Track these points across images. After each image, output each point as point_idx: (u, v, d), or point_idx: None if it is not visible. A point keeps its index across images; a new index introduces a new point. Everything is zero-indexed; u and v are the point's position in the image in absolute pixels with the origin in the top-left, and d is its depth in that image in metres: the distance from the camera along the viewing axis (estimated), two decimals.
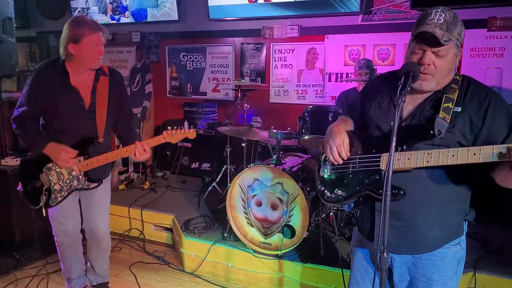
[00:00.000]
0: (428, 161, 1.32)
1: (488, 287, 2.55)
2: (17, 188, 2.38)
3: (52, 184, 2.29)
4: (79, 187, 2.32)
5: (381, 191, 1.39)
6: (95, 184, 2.34)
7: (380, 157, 1.44)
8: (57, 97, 2.23)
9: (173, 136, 2.24)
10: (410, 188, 1.40)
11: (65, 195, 2.31)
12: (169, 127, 2.26)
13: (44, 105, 2.25)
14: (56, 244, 2.52)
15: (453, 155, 1.27)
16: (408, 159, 1.34)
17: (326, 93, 4.33)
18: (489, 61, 3.71)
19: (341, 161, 1.52)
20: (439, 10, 1.33)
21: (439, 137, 1.33)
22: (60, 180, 2.30)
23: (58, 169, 2.29)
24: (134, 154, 2.22)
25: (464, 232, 1.51)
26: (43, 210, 2.31)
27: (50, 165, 2.29)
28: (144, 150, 2.22)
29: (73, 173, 2.29)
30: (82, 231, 2.58)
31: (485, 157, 1.22)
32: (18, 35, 3.52)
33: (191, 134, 2.27)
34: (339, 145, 1.50)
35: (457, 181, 1.40)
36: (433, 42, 1.30)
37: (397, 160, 1.36)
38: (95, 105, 2.29)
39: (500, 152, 1.19)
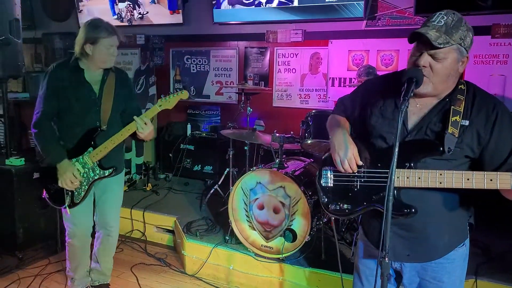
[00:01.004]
0: (441, 183, 1.29)
1: None
2: (42, 196, 2.45)
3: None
4: (96, 178, 2.38)
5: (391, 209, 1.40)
6: (111, 171, 2.39)
7: (387, 173, 1.40)
8: (72, 93, 2.33)
9: (168, 102, 2.26)
10: (420, 200, 1.38)
11: (86, 188, 2.38)
12: (162, 95, 2.27)
13: (59, 103, 2.34)
14: (66, 244, 2.58)
15: (468, 179, 1.25)
16: (419, 178, 1.32)
17: (329, 97, 4.35)
18: (493, 68, 3.72)
19: (352, 172, 1.48)
20: (443, 13, 1.31)
21: (448, 154, 1.31)
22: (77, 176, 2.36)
23: (73, 166, 2.35)
24: (137, 130, 2.26)
25: (468, 234, 1.52)
26: (68, 209, 2.38)
27: None
28: (145, 123, 2.24)
29: (87, 165, 2.36)
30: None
31: (503, 184, 1.21)
32: (24, 36, 3.54)
33: (184, 94, 2.27)
34: (350, 158, 1.46)
35: (465, 190, 1.38)
36: (428, 44, 1.28)
37: (406, 178, 1.34)
38: (101, 95, 2.38)
39: None
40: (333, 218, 3.09)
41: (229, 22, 4.57)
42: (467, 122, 1.34)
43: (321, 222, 2.94)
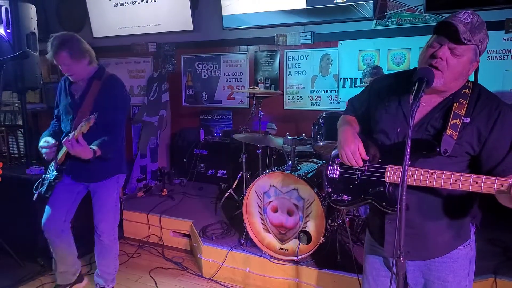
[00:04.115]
0: (431, 182, 1.32)
1: None
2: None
3: (47, 174, 2.55)
4: (51, 178, 2.49)
5: (384, 204, 1.44)
6: (59, 175, 2.46)
7: (385, 168, 1.45)
8: (62, 102, 2.56)
9: (84, 127, 2.24)
10: (419, 195, 1.40)
11: (46, 183, 2.51)
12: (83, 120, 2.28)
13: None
14: None
15: (455, 180, 1.27)
16: (412, 176, 1.34)
17: (340, 98, 4.34)
18: (507, 63, 3.66)
19: (357, 166, 1.52)
20: (469, 12, 1.31)
21: (445, 155, 1.33)
22: (49, 170, 2.55)
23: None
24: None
25: (472, 234, 1.52)
26: (36, 195, 2.54)
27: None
28: (69, 141, 2.24)
29: (54, 164, 2.49)
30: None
31: (487, 188, 1.23)
32: (40, 48, 3.66)
33: (90, 122, 2.23)
34: (354, 151, 1.50)
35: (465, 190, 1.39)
36: (453, 37, 1.28)
37: (400, 174, 1.36)
38: (81, 104, 2.47)
39: (502, 185, 1.20)
40: (347, 219, 3.10)
41: (239, 27, 4.62)
42: (468, 119, 1.35)
43: (335, 224, 2.94)
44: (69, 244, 2.74)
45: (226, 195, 3.95)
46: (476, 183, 1.24)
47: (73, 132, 2.28)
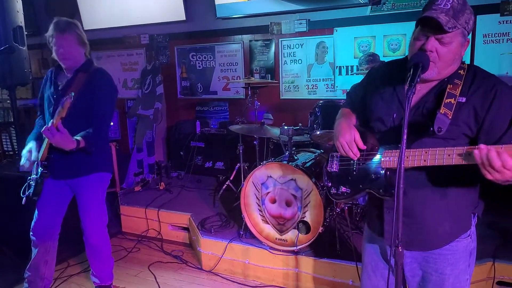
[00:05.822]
0: (425, 161, 1.28)
1: (508, 276, 2.52)
2: None
3: (32, 175, 2.42)
4: (38, 176, 2.36)
5: (381, 190, 1.41)
6: (45, 171, 2.34)
7: (382, 154, 1.42)
8: (46, 92, 2.48)
9: (61, 112, 2.15)
10: (417, 183, 1.37)
11: (35, 184, 2.36)
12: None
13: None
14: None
15: (449, 155, 1.23)
16: (407, 157, 1.30)
17: (337, 86, 4.30)
18: (503, 46, 3.62)
19: (355, 157, 1.49)
20: None
21: (439, 134, 1.29)
22: (33, 171, 2.41)
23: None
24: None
25: (473, 225, 1.48)
26: (24, 199, 2.38)
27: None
28: (48, 130, 2.12)
29: (36, 164, 2.38)
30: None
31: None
32: (30, 43, 3.58)
33: (66, 104, 2.15)
34: (350, 141, 1.48)
35: (464, 173, 1.33)
36: (437, 28, 1.25)
37: (396, 158, 1.34)
38: (62, 95, 2.32)
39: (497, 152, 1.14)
40: (346, 207, 3.08)
41: (232, 16, 4.54)
42: (464, 99, 1.32)
43: (334, 213, 2.93)
44: (48, 253, 2.59)
45: (224, 187, 3.93)
46: (469, 154, 1.19)
47: (51, 120, 2.16)
